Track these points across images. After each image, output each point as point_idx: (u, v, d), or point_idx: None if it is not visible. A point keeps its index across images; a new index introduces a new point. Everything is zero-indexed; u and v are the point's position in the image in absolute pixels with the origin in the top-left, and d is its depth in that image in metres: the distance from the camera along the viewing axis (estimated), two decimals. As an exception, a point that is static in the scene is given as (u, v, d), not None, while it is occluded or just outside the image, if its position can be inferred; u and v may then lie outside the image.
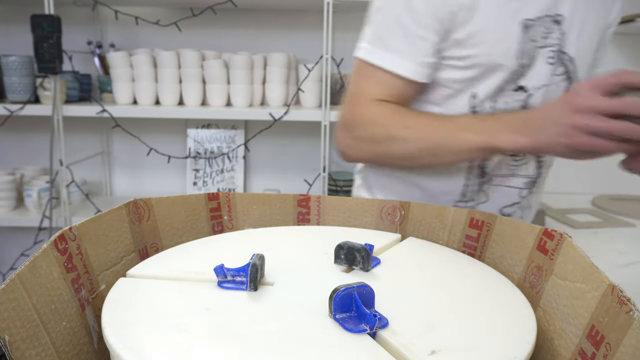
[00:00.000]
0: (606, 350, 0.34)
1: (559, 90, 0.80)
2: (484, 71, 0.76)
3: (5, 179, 1.67)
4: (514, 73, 0.77)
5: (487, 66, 0.76)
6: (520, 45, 0.75)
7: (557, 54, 0.78)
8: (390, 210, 0.62)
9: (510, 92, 0.78)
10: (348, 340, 0.36)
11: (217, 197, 0.61)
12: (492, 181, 0.84)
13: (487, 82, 0.77)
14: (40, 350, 0.36)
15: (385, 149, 0.76)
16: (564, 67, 0.79)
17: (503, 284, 0.47)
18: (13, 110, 1.57)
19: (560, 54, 0.78)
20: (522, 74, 0.77)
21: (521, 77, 0.77)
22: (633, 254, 1.14)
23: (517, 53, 0.75)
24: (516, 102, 0.79)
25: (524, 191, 0.85)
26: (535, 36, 0.76)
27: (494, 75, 0.76)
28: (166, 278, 0.46)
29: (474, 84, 0.78)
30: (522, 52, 0.75)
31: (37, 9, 1.51)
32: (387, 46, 0.75)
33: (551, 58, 0.77)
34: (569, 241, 0.44)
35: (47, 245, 0.40)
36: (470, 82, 0.78)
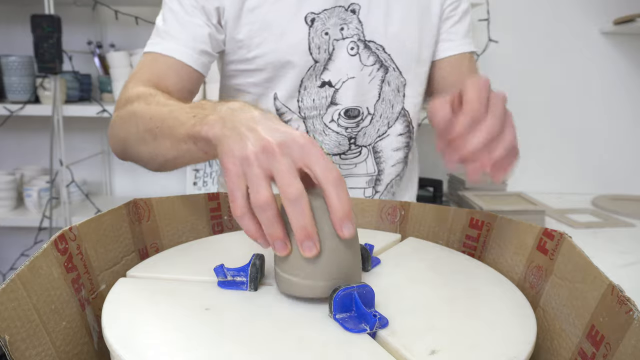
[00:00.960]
0: (606, 350, 0.34)
1: (375, 81, 0.77)
2: (276, 71, 0.75)
3: (5, 179, 1.67)
4: (313, 69, 0.75)
5: (278, 65, 0.74)
6: (310, 40, 0.73)
7: (359, 44, 0.75)
8: (390, 210, 0.62)
9: (316, 89, 0.76)
10: (348, 340, 0.36)
11: (217, 197, 0.61)
12: None
13: (285, 82, 0.75)
14: (41, 350, 0.36)
15: (127, 129, 0.64)
16: (374, 56, 0.76)
17: (503, 284, 0.47)
18: (13, 110, 1.57)
19: (366, 43, 0.75)
20: (325, 68, 0.75)
21: (325, 72, 0.75)
22: (633, 254, 1.14)
23: (307, 48, 0.73)
24: (323, 99, 0.76)
25: (368, 190, 0.83)
26: (327, 29, 0.73)
27: (288, 73, 0.75)
28: (166, 278, 0.46)
29: (272, 85, 0.76)
30: (315, 47, 0.74)
31: (37, 9, 1.51)
32: (163, 34, 0.74)
33: (352, 49, 0.75)
34: (569, 241, 0.44)
35: (47, 245, 0.40)
36: (267, 83, 0.76)
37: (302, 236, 0.37)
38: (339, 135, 0.78)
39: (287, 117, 0.78)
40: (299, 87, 0.76)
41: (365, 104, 0.78)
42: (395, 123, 0.81)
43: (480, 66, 1.72)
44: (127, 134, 0.64)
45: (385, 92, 0.78)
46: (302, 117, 0.78)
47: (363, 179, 0.81)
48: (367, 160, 0.80)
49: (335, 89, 0.76)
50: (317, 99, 0.76)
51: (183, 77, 0.73)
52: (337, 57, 0.75)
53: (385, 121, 0.80)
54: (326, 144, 0.79)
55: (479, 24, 1.70)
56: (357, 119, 0.78)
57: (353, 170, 0.81)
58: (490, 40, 1.68)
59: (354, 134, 0.79)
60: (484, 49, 1.69)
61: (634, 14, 1.61)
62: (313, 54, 0.74)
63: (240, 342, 0.35)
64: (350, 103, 0.77)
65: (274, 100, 0.78)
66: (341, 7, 0.74)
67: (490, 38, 1.68)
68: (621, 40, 1.79)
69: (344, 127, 0.78)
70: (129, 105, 0.65)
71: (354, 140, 0.79)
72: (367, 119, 0.79)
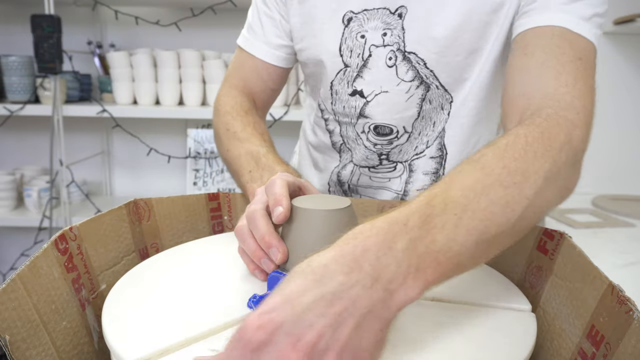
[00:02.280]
0: (606, 350, 0.34)
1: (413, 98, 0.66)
2: (315, 68, 0.71)
3: (5, 179, 1.67)
4: (344, 73, 0.68)
5: (314, 62, 0.70)
6: (343, 41, 0.66)
7: (397, 54, 0.65)
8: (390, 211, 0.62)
9: (346, 96, 0.69)
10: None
11: (217, 197, 0.61)
12: (358, 192, 0.76)
13: (322, 81, 0.71)
14: (41, 350, 0.36)
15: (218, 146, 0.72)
16: (414, 70, 0.65)
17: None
18: (13, 110, 1.57)
19: (405, 55, 0.64)
20: (358, 75, 0.67)
21: (358, 79, 0.67)
22: (633, 254, 1.14)
23: (338, 50, 0.67)
24: (353, 108, 0.69)
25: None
26: (364, 32, 0.65)
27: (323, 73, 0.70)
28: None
29: (316, 81, 0.74)
30: (346, 49, 0.67)
31: (37, 9, 1.51)
32: (249, 28, 0.76)
33: (390, 59, 0.65)
34: (569, 241, 0.44)
35: (47, 245, 0.40)
36: (313, 78, 0.74)
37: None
38: (368, 150, 0.72)
39: (326, 116, 0.74)
40: (330, 89, 0.70)
41: (401, 123, 0.68)
42: (434, 143, 0.70)
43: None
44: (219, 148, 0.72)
45: (425, 110, 0.68)
46: (337, 120, 0.73)
47: (390, 194, 0.74)
48: (402, 177, 0.73)
49: (366, 100, 0.68)
50: (347, 107, 0.70)
51: (264, 78, 0.76)
52: (374, 65, 0.66)
53: (425, 139, 0.70)
54: (356, 154, 0.73)
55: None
56: (389, 136, 0.70)
57: (386, 184, 0.74)
58: (490, 40, 1.68)
59: (385, 151, 0.71)
60: (484, 49, 1.69)
61: (634, 14, 1.61)
62: (344, 57, 0.67)
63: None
64: (380, 119, 0.68)
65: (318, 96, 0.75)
66: (386, 10, 0.64)
67: (490, 38, 1.68)
68: (621, 40, 1.79)
69: (373, 143, 0.71)
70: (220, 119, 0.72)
71: (386, 157, 0.72)
72: (403, 137, 0.70)
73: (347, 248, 0.32)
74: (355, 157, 0.73)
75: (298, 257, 0.42)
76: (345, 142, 0.74)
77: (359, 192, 0.76)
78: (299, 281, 0.30)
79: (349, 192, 0.77)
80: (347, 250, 0.32)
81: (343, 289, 0.30)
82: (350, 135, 0.72)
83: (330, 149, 0.76)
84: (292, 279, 0.31)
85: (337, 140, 0.75)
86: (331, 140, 0.76)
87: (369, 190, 0.75)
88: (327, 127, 0.75)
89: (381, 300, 0.31)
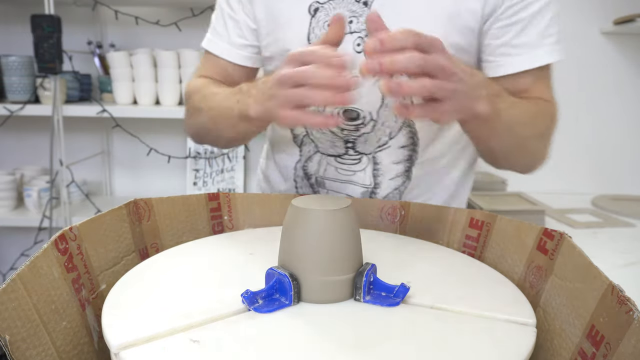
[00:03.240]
0: (606, 350, 0.34)
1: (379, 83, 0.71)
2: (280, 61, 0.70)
3: (5, 179, 1.67)
4: None
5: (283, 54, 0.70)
6: (311, 30, 0.70)
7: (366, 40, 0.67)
8: (390, 210, 0.62)
9: None
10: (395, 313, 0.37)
11: (217, 197, 0.61)
12: (326, 186, 0.77)
13: None
14: (41, 350, 0.36)
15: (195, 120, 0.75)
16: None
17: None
18: (13, 110, 1.57)
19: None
20: None
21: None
22: (633, 254, 1.14)
23: (306, 39, 0.70)
24: None
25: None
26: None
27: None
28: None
29: None
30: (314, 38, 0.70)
31: (37, 9, 1.50)
32: (212, 30, 0.79)
33: (359, 45, 0.69)
34: (569, 241, 0.44)
35: (47, 245, 0.40)
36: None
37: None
38: (335, 136, 0.74)
39: None
40: None
41: (367, 108, 0.72)
42: (398, 134, 0.74)
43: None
44: (196, 125, 0.76)
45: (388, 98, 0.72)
46: None
47: (359, 189, 0.76)
48: (366, 170, 0.75)
49: None
50: None
51: (229, 73, 0.79)
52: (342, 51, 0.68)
53: (387, 130, 0.74)
54: (322, 143, 0.76)
55: (479, 24, 1.70)
56: (356, 121, 0.73)
57: (352, 177, 0.76)
58: (490, 40, 1.68)
59: (351, 138, 0.74)
60: (484, 49, 1.69)
61: (634, 14, 1.61)
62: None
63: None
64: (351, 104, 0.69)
65: None
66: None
67: (490, 38, 1.68)
68: (621, 40, 1.79)
69: (341, 129, 0.74)
70: (190, 100, 0.76)
71: (352, 145, 0.75)
72: (369, 125, 0.73)
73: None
74: (321, 147, 0.76)
75: (298, 257, 0.42)
76: (309, 133, 0.76)
77: (326, 186, 0.77)
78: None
79: (316, 185, 0.78)
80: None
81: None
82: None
83: (289, 143, 0.79)
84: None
85: (299, 132, 0.77)
86: (292, 134, 0.78)
87: (335, 183, 0.77)
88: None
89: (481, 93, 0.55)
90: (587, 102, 1.84)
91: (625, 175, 1.87)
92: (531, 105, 0.70)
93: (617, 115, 1.85)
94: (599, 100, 1.83)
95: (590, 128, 1.85)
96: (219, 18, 0.79)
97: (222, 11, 0.78)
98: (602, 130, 1.85)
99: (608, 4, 1.75)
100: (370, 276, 0.42)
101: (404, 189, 0.77)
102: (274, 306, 0.40)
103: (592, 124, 1.85)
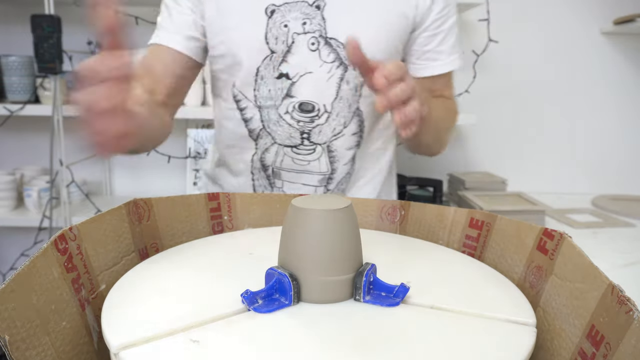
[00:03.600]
0: (606, 350, 0.34)
1: (334, 79, 0.78)
2: (235, 58, 0.77)
3: (5, 179, 1.67)
4: (270, 59, 0.76)
5: (236, 52, 0.76)
6: (268, 30, 0.75)
7: (320, 40, 0.75)
8: (390, 210, 0.62)
9: (272, 80, 0.77)
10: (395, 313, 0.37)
11: (217, 197, 0.61)
12: (282, 176, 0.83)
13: (243, 69, 0.78)
14: (40, 350, 0.36)
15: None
16: (335, 53, 0.77)
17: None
18: (13, 110, 1.57)
19: (327, 40, 0.76)
20: (283, 60, 0.76)
21: (283, 64, 0.76)
22: (633, 254, 1.14)
23: (264, 38, 0.75)
24: (279, 90, 0.78)
25: (320, 188, 0.85)
26: (287, 21, 0.75)
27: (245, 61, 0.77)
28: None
29: (234, 72, 0.79)
30: (272, 37, 0.75)
31: (37, 9, 1.50)
32: (158, 27, 0.81)
33: (313, 44, 0.76)
34: (569, 241, 0.44)
35: (47, 245, 0.40)
36: (230, 70, 0.79)
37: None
38: (291, 128, 0.80)
39: (243, 105, 0.81)
40: (255, 75, 0.77)
41: (322, 101, 0.78)
42: (350, 122, 0.82)
43: (480, 66, 1.73)
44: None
45: (343, 90, 0.79)
46: (257, 105, 0.80)
47: (316, 177, 0.82)
48: (321, 159, 0.82)
49: (292, 81, 0.77)
50: (273, 90, 0.78)
51: (168, 62, 0.79)
52: (297, 50, 0.76)
53: (342, 120, 0.81)
54: (279, 135, 0.80)
55: (479, 24, 1.70)
56: (311, 114, 0.79)
57: (307, 167, 0.82)
58: (490, 40, 1.68)
59: (307, 129, 0.80)
60: (484, 49, 1.69)
61: (634, 14, 1.61)
62: (270, 44, 0.75)
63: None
64: (306, 97, 0.78)
65: (232, 88, 0.80)
66: (305, 2, 0.75)
67: (490, 38, 1.68)
68: (621, 40, 1.79)
69: (297, 120, 0.79)
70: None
71: (307, 136, 0.80)
72: (323, 117, 0.79)
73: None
74: (278, 138, 0.81)
75: (298, 257, 0.42)
76: (266, 126, 0.81)
77: (282, 176, 0.83)
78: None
79: (272, 176, 0.83)
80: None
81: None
82: (272, 118, 0.80)
83: (245, 138, 0.83)
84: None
85: (256, 126, 0.82)
86: (248, 129, 0.83)
87: (291, 173, 0.82)
88: (243, 117, 0.81)
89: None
90: (587, 102, 1.84)
91: (625, 175, 1.87)
92: (445, 103, 0.85)
93: (617, 115, 1.85)
94: (599, 100, 1.83)
95: (590, 128, 1.85)
96: (164, 15, 0.81)
97: (168, 8, 0.80)
98: (602, 130, 1.85)
99: (608, 4, 1.75)
100: (370, 276, 0.42)
101: (352, 171, 0.86)
102: (274, 306, 0.40)
103: (592, 124, 1.85)
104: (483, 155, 1.89)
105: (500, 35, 1.68)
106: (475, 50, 1.69)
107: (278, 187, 0.84)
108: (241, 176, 0.86)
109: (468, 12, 1.72)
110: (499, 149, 1.88)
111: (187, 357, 0.34)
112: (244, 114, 0.81)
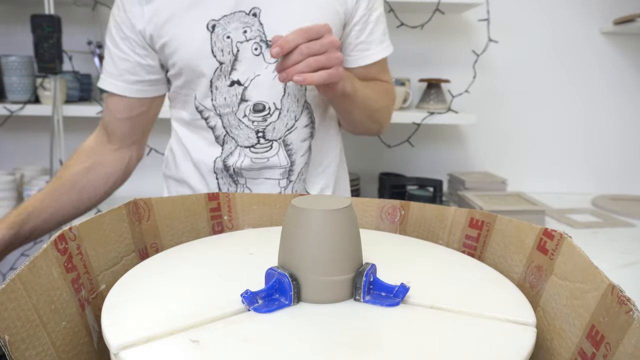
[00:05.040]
0: (606, 350, 0.34)
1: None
2: (190, 74, 0.83)
3: (5, 179, 1.67)
4: (220, 70, 0.82)
5: (189, 69, 0.82)
6: (212, 44, 0.80)
7: (261, 44, 0.82)
8: (390, 210, 0.62)
9: (226, 88, 0.83)
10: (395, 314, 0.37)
11: (217, 197, 0.61)
12: (243, 175, 0.88)
13: (199, 83, 0.83)
14: (40, 350, 0.36)
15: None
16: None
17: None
18: (13, 110, 1.57)
19: (267, 43, 0.82)
20: (233, 69, 0.82)
21: (233, 72, 0.82)
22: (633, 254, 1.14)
23: (210, 52, 0.81)
24: (234, 97, 0.83)
25: (283, 181, 0.89)
26: (229, 33, 0.80)
27: (201, 76, 0.83)
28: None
29: (192, 87, 0.85)
30: (218, 50, 0.81)
31: (37, 9, 1.50)
32: (104, 71, 0.88)
33: (256, 49, 0.81)
34: (569, 241, 0.44)
35: (47, 245, 0.40)
36: (188, 86, 0.85)
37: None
38: (248, 129, 0.85)
39: (206, 115, 0.87)
40: (210, 87, 0.83)
41: (272, 100, 0.84)
42: (301, 116, 0.87)
43: (480, 66, 1.73)
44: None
45: (289, 87, 0.84)
46: (218, 114, 0.85)
47: (277, 171, 0.87)
48: (279, 154, 0.87)
49: (244, 86, 0.83)
50: (228, 97, 0.83)
51: (122, 109, 0.88)
52: (243, 57, 0.81)
53: (293, 115, 0.86)
54: (240, 138, 0.86)
55: (479, 24, 1.70)
56: (263, 113, 0.84)
57: (266, 163, 0.87)
58: (490, 40, 1.68)
59: (261, 128, 0.85)
60: (484, 49, 1.69)
61: (634, 14, 1.61)
62: (217, 57, 0.81)
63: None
64: (256, 98, 0.83)
65: (194, 100, 0.86)
66: (242, 12, 0.80)
67: (490, 38, 1.68)
68: (621, 40, 1.79)
69: (252, 121, 0.85)
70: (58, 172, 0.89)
71: (262, 134, 0.85)
72: (274, 114, 0.85)
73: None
74: (239, 141, 0.86)
75: (298, 257, 0.42)
76: (228, 131, 0.86)
77: (244, 175, 0.88)
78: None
79: (235, 175, 0.88)
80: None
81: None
82: (232, 123, 0.85)
83: (212, 144, 0.88)
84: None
85: (220, 133, 0.87)
86: (214, 135, 0.88)
87: (251, 172, 0.87)
88: (208, 125, 0.87)
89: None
90: (587, 102, 1.84)
91: (625, 175, 1.87)
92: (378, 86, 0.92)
93: (618, 115, 1.85)
94: (599, 100, 1.83)
95: (590, 128, 1.85)
96: (107, 59, 0.87)
97: (110, 52, 0.86)
98: (602, 130, 1.85)
99: (608, 4, 1.75)
100: (370, 276, 0.42)
101: (309, 161, 0.90)
102: (274, 306, 0.40)
103: (592, 124, 1.85)
104: (483, 155, 1.89)
105: (500, 35, 1.68)
106: (475, 50, 1.69)
107: (242, 184, 0.89)
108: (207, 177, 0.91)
109: (468, 12, 1.72)
110: (499, 149, 1.88)
111: (187, 357, 0.34)
112: (208, 122, 0.87)
